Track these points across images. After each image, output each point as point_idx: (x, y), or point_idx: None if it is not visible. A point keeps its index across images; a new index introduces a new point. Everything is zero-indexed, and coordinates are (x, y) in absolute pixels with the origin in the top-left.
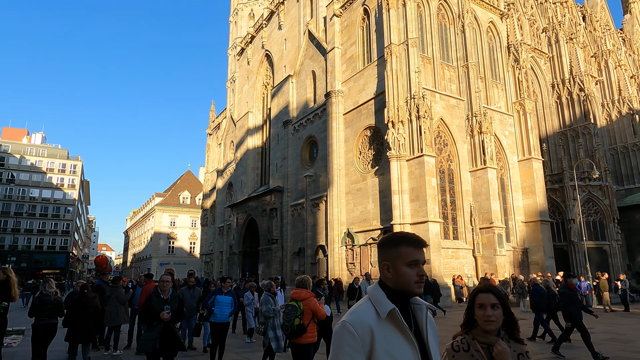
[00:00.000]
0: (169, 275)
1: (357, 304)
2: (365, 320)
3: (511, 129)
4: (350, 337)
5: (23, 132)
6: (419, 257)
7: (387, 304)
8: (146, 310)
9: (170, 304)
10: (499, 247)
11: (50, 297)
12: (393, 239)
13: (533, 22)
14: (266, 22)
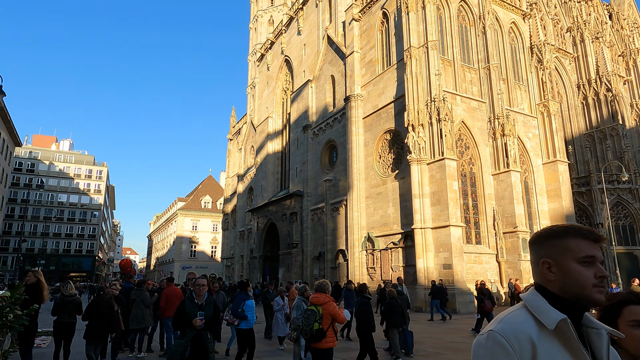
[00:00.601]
0: (204, 279)
1: (507, 311)
2: (524, 331)
3: (535, 131)
4: (503, 352)
5: (52, 139)
6: (594, 253)
7: (554, 312)
8: (179, 316)
9: (205, 310)
10: (523, 252)
11: (70, 297)
12: (556, 230)
13: (557, 21)
14: (285, 28)
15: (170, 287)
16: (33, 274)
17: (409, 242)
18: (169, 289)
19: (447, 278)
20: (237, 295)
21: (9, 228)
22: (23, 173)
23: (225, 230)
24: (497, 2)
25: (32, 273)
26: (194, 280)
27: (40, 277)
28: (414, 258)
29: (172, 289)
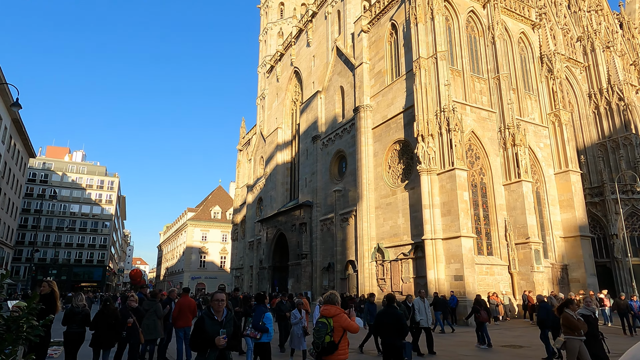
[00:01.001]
0: (223, 293)
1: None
2: None
3: (546, 141)
4: None
5: (65, 151)
6: None
7: None
8: (198, 335)
9: (226, 327)
10: (536, 264)
11: (79, 309)
12: None
13: (567, 31)
14: (295, 40)
15: (185, 297)
16: (47, 284)
17: (419, 253)
18: (183, 299)
19: (459, 289)
20: (257, 309)
21: (22, 238)
22: (36, 184)
23: (235, 240)
24: (506, 13)
25: (47, 283)
26: (212, 295)
27: (54, 287)
28: (425, 269)
29: (186, 299)
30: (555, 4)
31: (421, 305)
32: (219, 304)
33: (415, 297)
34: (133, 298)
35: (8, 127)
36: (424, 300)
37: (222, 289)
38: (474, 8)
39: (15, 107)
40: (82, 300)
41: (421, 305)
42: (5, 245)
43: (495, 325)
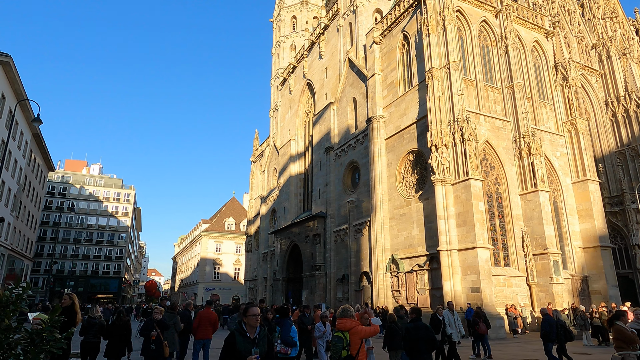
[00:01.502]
0: (257, 307)
1: None
2: None
3: (563, 150)
4: None
5: (83, 164)
6: None
7: None
8: (229, 354)
9: (259, 346)
10: (555, 275)
11: (96, 320)
12: None
13: (581, 39)
14: (307, 52)
15: (207, 310)
16: (69, 297)
17: (434, 264)
18: (205, 311)
19: (476, 302)
20: (284, 322)
21: (41, 250)
22: (55, 197)
23: (249, 252)
24: (519, 22)
25: (68, 296)
26: (245, 309)
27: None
28: (440, 281)
29: (208, 311)
30: (569, 12)
31: (451, 318)
32: (253, 319)
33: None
34: (158, 310)
35: (29, 141)
36: (453, 313)
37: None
38: (486, 18)
39: (36, 123)
40: (97, 312)
41: (451, 317)
42: (24, 257)
43: (514, 338)
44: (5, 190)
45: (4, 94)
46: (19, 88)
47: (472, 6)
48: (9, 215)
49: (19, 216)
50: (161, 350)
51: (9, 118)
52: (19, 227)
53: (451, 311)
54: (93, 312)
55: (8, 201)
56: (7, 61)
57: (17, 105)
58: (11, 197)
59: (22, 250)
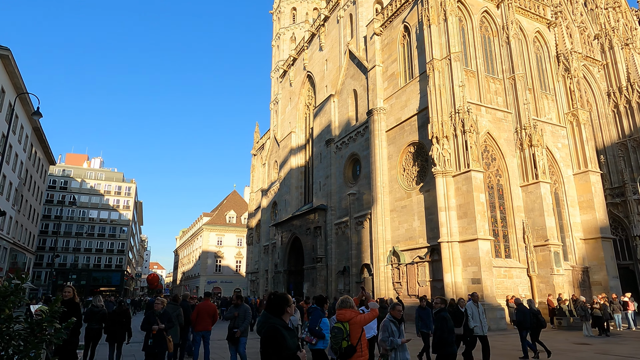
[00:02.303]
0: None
1: None
2: None
3: (564, 141)
4: None
5: (83, 158)
6: None
7: None
8: (279, 354)
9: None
10: (555, 266)
11: (98, 309)
12: None
13: (583, 29)
14: (307, 44)
15: (206, 301)
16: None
17: (435, 256)
18: (203, 303)
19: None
20: (313, 312)
21: (43, 244)
22: (57, 190)
23: (250, 244)
24: (521, 12)
25: (71, 289)
26: (283, 300)
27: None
28: (441, 272)
29: (207, 303)
30: (571, 2)
31: (475, 310)
32: (292, 308)
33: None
34: (159, 301)
35: (29, 135)
36: (477, 305)
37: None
38: (488, 8)
39: (36, 116)
40: (100, 301)
41: (474, 310)
42: (27, 251)
43: (514, 329)
44: (6, 184)
45: (3, 88)
46: (18, 82)
47: None
48: (11, 209)
49: (20, 210)
50: (164, 346)
51: (8, 112)
52: (20, 221)
53: (475, 303)
54: (96, 302)
55: (9, 195)
56: (6, 54)
57: (17, 99)
58: (12, 191)
59: (24, 243)
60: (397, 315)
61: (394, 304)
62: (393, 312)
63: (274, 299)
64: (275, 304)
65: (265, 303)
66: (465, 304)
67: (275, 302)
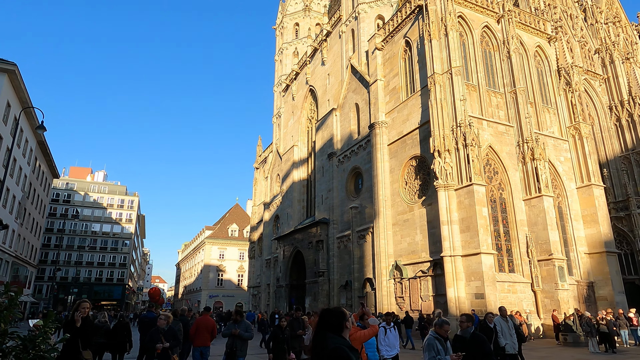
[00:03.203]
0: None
1: None
2: None
3: (567, 155)
4: None
5: (87, 171)
6: None
7: None
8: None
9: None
10: (560, 281)
11: (102, 324)
12: None
13: (584, 43)
14: (310, 59)
15: (205, 316)
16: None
17: (438, 270)
18: (202, 318)
19: (480, 308)
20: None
21: (45, 257)
22: (60, 203)
23: (252, 258)
24: (521, 27)
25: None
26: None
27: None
28: (444, 287)
29: (206, 318)
30: (571, 17)
31: (504, 326)
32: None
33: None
34: (163, 317)
35: (33, 149)
36: (506, 319)
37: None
38: (488, 23)
39: (41, 130)
40: (104, 317)
41: (504, 325)
42: (29, 264)
43: None
44: (9, 198)
45: (9, 102)
46: (24, 96)
47: (473, 12)
48: (13, 222)
49: (23, 223)
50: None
51: (13, 125)
52: (23, 234)
53: (504, 318)
54: (100, 317)
55: (12, 208)
56: (12, 69)
57: (22, 113)
58: (15, 204)
59: (26, 257)
60: (443, 333)
61: (442, 321)
62: (439, 330)
63: (331, 315)
64: (333, 321)
65: (318, 320)
66: (494, 319)
67: (332, 319)
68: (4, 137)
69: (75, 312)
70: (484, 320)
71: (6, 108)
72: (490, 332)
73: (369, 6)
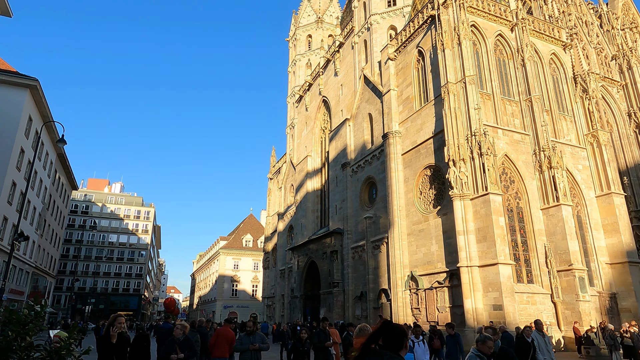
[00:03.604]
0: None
1: None
2: None
3: (585, 163)
4: None
5: (105, 183)
6: None
7: None
8: None
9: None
10: (581, 292)
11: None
12: None
13: (600, 50)
14: (323, 70)
15: (225, 327)
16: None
17: (454, 281)
18: (223, 329)
19: (499, 320)
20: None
21: (63, 267)
22: (78, 215)
23: (266, 268)
24: (535, 35)
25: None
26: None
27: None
28: (461, 298)
29: (226, 329)
30: (587, 24)
31: (540, 341)
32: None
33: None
34: (179, 326)
35: (54, 161)
36: (542, 334)
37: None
38: (502, 32)
39: (61, 143)
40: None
41: (540, 340)
42: (48, 275)
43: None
44: (30, 209)
45: (31, 116)
46: (45, 110)
47: (487, 20)
48: (34, 233)
49: (43, 234)
50: None
51: (35, 139)
52: (43, 245)
53: (540, 332)
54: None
55: (33, 220)
56: (34, 85)
57: (43, 127)
58: (36, 216)
59: (46, 267)
60: (486, 350)
61: (484, 337)
62: (482, 347)
63: (393, 331)
64: (395, 337)
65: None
66: (532, 333)
67: (394, 334)
68: (26, 151)
69: (110, 327)
70: (521, 334)
71: (28, 122)
72: (527, 347)
73: (381, 17)
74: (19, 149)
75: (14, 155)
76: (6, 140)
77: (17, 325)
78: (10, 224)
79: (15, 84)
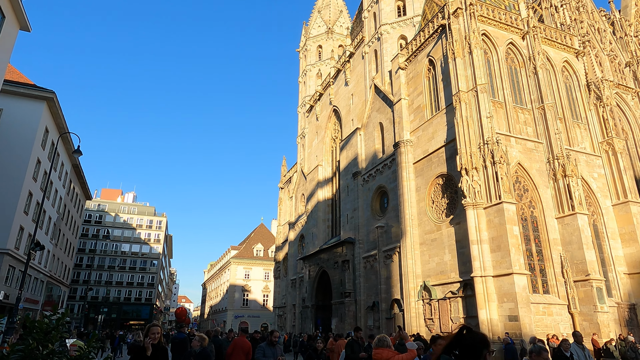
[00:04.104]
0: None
1: None
2: None
3: (600, 171)
4: None
5: (118, 192)
6: None
7: None
8: None
9: None
10: (599, 303)
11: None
12: None
13: (613, 57)
14: (333, 80)
15: (242, 337)
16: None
17: (468, 291)
18: (239, 339)
19: (514, 331)
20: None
21: (77, 277)
22: (92, 224)
23: (277, 278)
24: (547, 42)
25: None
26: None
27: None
28: (476, 309)
29: (242, 339)
30: (599, 31)
31: (581, 355)
32: None
33: (569, 341)
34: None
35: (69, 172)
36: (583, 347)
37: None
38: (513, 40)
39: (76, 154)
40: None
41: (580, 354)
42: (62, 284)
43: None
44: (45, 219)
45: (47, 128)
46: (61, 122)
47: (498, 29)
48: (49, 243)
49: (57, 244)
50: None
51: (51, 150)
52: (57, 255)
53: (579, 345)
54: (137, 337)
55: (48, 229)
56: (51, 97)
57: (59, 138)
58: (51, 226)
59: (60, 277)
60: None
61: (539, 348)
62: (537, 359)
63: (473, 339)
64: (472, 347)
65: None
66: (570, 347)
67: (472, 344)
68: (42, 161)
69: (145, 338)
70: (558, 348)
71: (45, 133)
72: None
73: (392, 27)
74: (36, 160)
75: (30, 165)
76: (23, 151)
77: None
78: (26, 234)
79: (33, 96)
